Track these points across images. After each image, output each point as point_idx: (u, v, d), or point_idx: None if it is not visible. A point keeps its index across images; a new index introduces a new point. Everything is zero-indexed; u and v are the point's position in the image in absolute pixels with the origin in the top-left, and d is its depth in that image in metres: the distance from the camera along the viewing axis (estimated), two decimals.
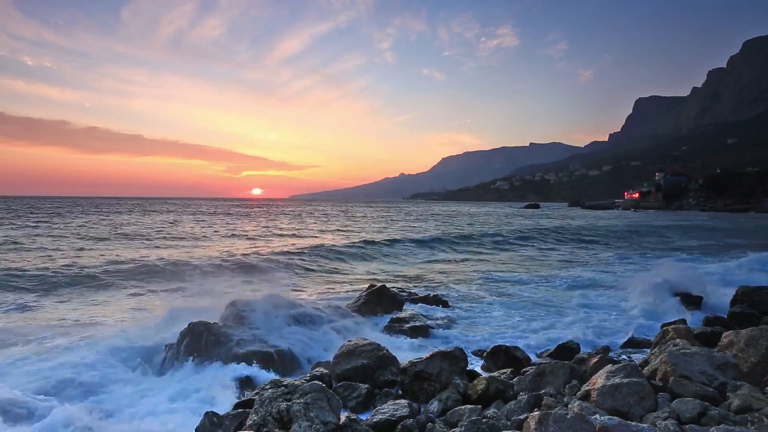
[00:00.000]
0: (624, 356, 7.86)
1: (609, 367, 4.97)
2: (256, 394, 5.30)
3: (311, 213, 70.75)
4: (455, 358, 6.20)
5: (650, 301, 11.33)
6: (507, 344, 7.70)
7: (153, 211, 60.49)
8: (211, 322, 7.86)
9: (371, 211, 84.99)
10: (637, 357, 7.37)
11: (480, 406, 5.04)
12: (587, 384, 4.91)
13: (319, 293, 13.49)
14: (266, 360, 7.04)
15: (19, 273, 14.01)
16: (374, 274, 17.68)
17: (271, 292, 9.78)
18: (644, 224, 50.13)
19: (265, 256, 19.30)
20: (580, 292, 13.33)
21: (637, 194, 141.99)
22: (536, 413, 4.04)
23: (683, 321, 8.94)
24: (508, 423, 4.45)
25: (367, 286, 11.95)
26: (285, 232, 33.39)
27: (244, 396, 5.86)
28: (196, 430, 4.82)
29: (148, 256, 18.39)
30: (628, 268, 19.28)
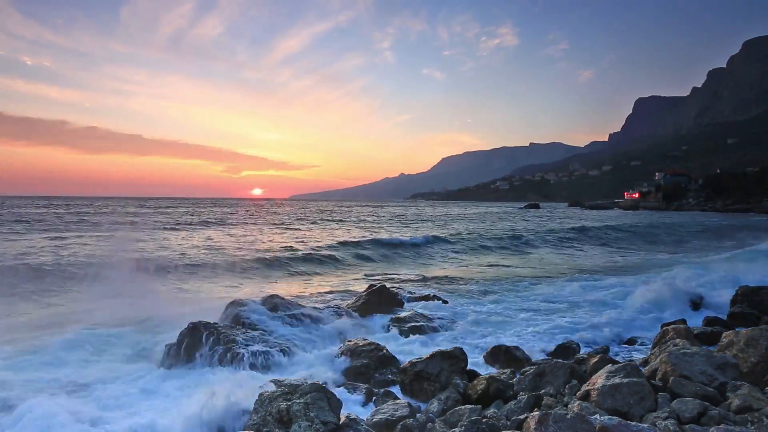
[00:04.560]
0: (622, 355, 7.87)
1: (609, 367, 4.97)
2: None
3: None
4: (455, 357, 6.20)
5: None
6: (507, 344, 7.70)
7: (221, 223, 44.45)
8: (212, 322, 7.87)
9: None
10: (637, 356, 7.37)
11: (480, 406, 5.04)
12: (587, 384, 4.92)
13: (319, 293, 13.49)
14: (266, 360, 7.04)
15: None
16: (374, 274, 17.69)
17: (271, 292, 9.78)
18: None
19: (265, 258, 19.28)
20: (583, 293, 13.30)
21: (637, 194, 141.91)
22: (536, 413, 4.04)
23: (683, 321, 8.94)
24: (508, 423, 4.46)
25: (366, 285, 11.95)
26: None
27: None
28: None
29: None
30: (637, 266, 19.25)
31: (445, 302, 11.76)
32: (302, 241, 27.28)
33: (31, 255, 18.01)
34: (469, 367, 6.38)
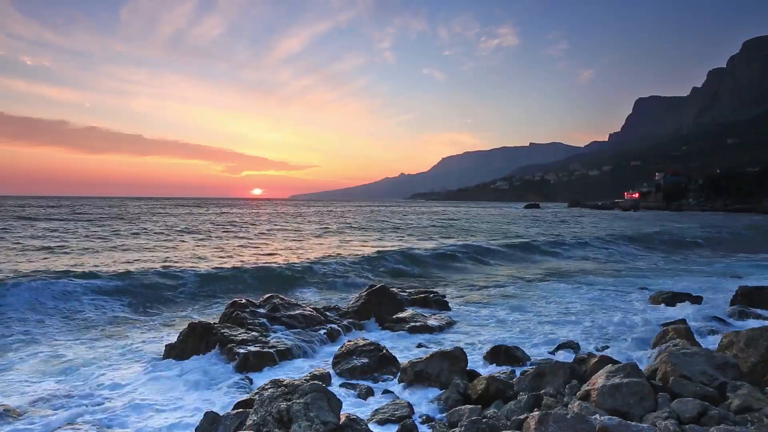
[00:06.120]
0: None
1: (609, 367, 4.97)
2: (256, 394, 5.31)
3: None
4: (455, 358, 6.20)
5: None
6: (507, 344, 7.69)
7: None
8: (211, 323, 7.87)
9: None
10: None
11: (480, 406, 5.04)
12: (587, 384, 4.92)
13: (319, 294, 13.49)
14: (266, 360, 7.03)
15: None
16: (374, 274, 17.68)
17: (270, 293, 9.79)
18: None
19: (265, 259, 19.28)
20: (583, 294, 13.31)
21: (638, 194, 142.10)
22: (536, 413, 4.04)
23: (683, 321, 8.93)
24: (508, 423, 4.45)
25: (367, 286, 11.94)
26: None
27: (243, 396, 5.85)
28: (195, 429, 4.82)
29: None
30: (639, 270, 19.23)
31: (446, 303, 11.75)
32: (301, 242, 27.28)
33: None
34: (469, 367, 6.38)
